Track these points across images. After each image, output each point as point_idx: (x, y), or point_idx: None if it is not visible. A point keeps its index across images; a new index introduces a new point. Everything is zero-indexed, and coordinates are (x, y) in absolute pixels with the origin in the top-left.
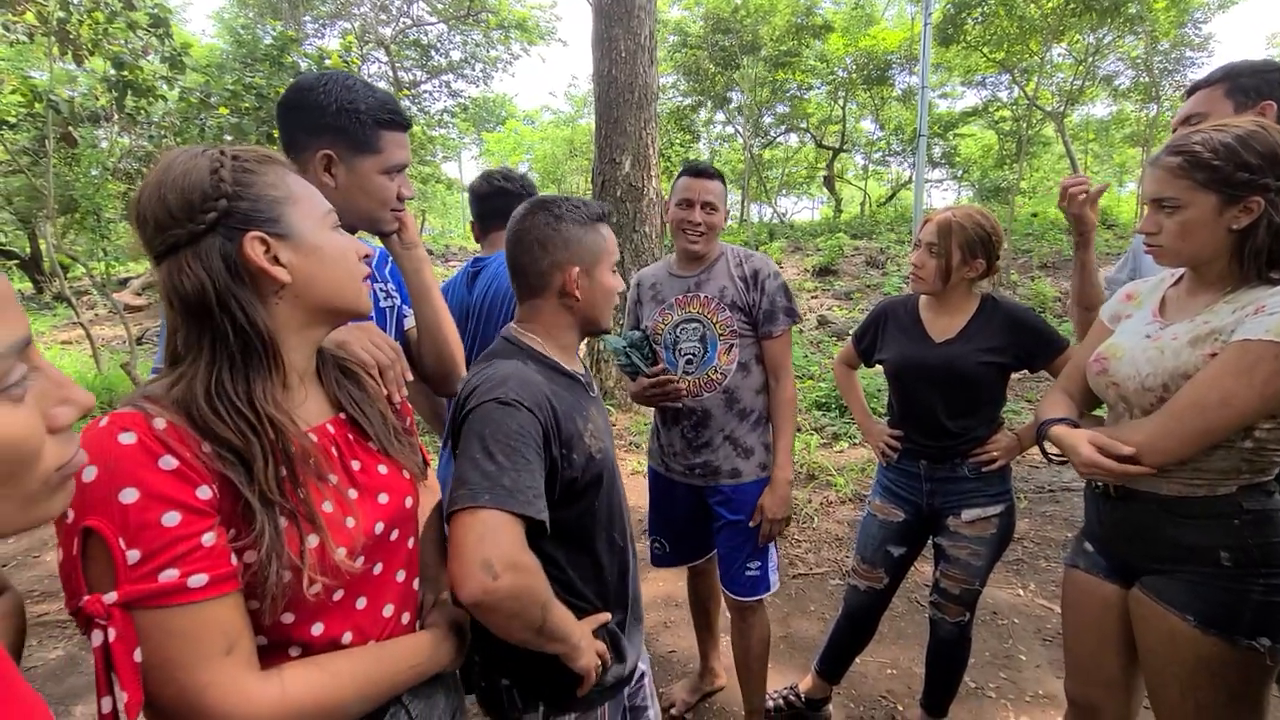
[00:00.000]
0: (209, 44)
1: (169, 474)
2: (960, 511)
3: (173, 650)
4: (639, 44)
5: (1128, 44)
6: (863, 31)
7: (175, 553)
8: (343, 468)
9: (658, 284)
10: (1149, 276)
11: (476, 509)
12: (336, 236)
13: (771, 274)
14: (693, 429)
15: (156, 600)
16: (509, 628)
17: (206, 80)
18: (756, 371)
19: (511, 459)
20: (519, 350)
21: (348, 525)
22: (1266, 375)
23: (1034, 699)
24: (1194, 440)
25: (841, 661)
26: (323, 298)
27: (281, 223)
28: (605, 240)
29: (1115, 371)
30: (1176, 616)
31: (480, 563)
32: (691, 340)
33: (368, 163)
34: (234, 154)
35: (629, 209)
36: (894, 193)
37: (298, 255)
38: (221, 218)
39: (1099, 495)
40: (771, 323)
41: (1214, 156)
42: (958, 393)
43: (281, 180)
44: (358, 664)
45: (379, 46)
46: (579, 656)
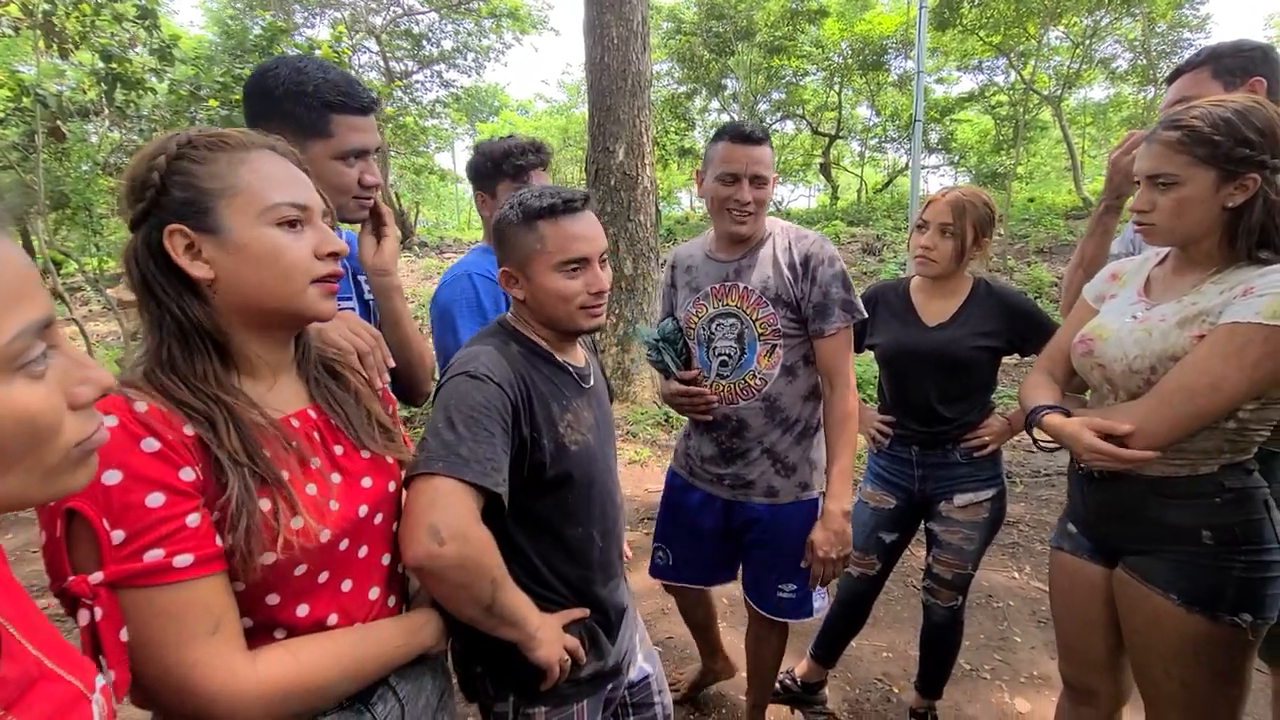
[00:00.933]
0: (197, 35)
1: (151, 456)
2: (952, 496)
3: (159, 629)
4: (631, 30)
5: (1125, 26)
6: (858, 16)
7: (160, 533)
8: (325, 452)
9: (693, 268)
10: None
11: (430, 475)
12: (272, 234)
13: (827, 259)
14: (728, 438)
15: (142, 579)
16: (456, 599)
17: (196, 72)
18: (805, 375)
19: (472, 430)
20: (505, 332)
21: (331, 508)
22: (1255, 358)
23: (1028, 680)
24: (1183, 424)
25: (835, 646)
26: (250, 298)
27: (209, 217)
28: (542, 239)
29: (1101, 353)
30: (1160, 596)
31: (427, 528)
32: (728, 339)
33: (317, 148)
34: (192, 138)
35: (623, 198)
36: (890, 179)
37: (221, 253)
38: (150, 208)
39: (1084, 477)
40: (824, 319)
41: (1214, 131)
42: (950, 377)
43: (229, 170)
44: (343, 644)
45: (369, 36)
46: (536, 647)
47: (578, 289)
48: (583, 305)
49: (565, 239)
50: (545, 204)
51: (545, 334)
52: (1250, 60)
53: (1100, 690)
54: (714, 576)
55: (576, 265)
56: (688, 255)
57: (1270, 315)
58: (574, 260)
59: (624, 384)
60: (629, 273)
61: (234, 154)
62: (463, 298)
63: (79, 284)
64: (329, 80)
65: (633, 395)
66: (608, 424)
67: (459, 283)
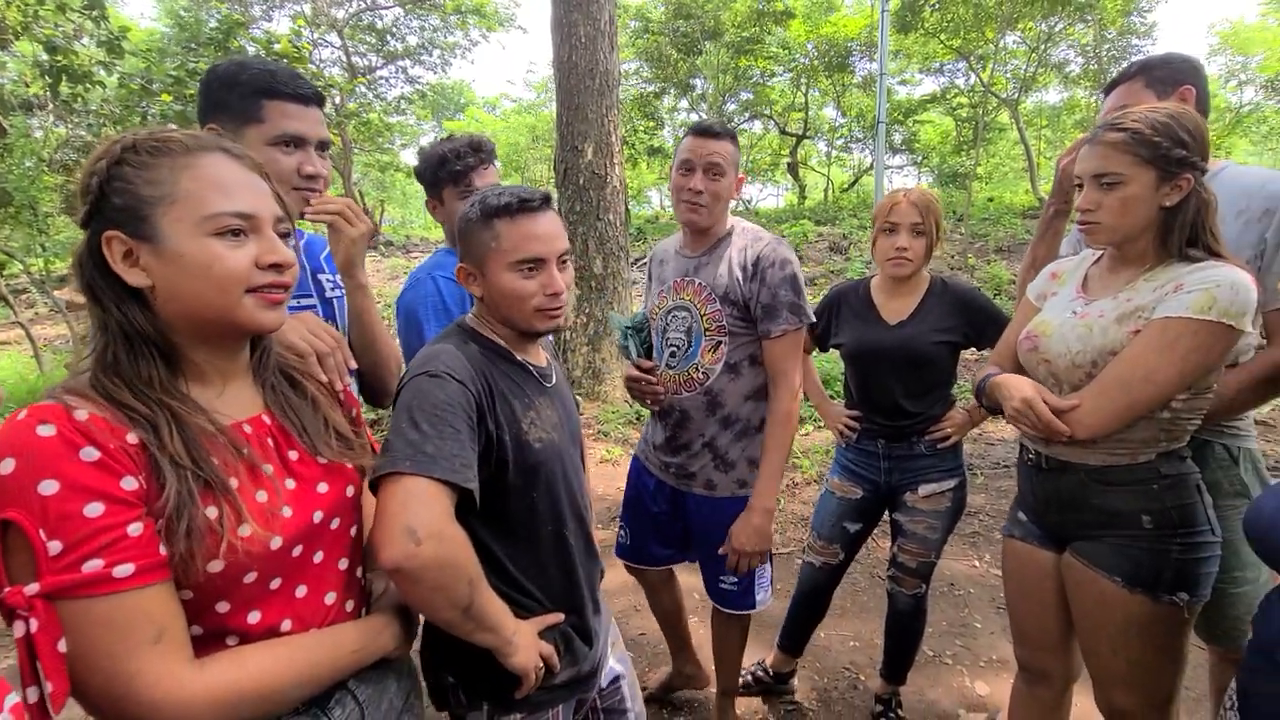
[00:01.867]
0: (149, 27)
1: (90, 465)
2: (917, 487)
3: (99, 640)
4: (599, 29)
5: (1078, 31)
6: (823, 18)
7: (99, 543)
8: (279, 458)
9: (664, 262)
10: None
11: (400, 475)
12: (207, 245)
13: (778, 262)
14: (673, 427)
15: (80, 590)
16: (432, 602)
17: (147, 66)
18: (749, 375)
19: (437, 427)
20: (464, 332)
21: (284, 514)
22: (1185, 351)
23: (988, 664)
24: (1122, 415)
25: (800, 636)
26: (188, 307)
27: (147, 225)
28: (497, 237)
29: (1046, 349)
30: (1105, 578)
31: (403, 529)
32: (679, 331)
33: (250, 133)
34: (136, 142)
35: (592, 197)
36: (856, 179)
37: (158, 261)
38: (91, 213)
39: (1032, 468)
40: (771, 320)
41: (1154, 133)
42: (913, 373)
43: (170, 177)
44: (296, 649)
45: (331, 30)
46: (513, 653)
47: (533, 289)
48: (539, 307)
49: (520, 238)
50: (502, 203)
51: (504, 333)
52: (1179, 71)
53: (1053, 671)
54: (668, 558)
55: (532, 265)
56: (664, 250)
57: (1198, 310)
58: (528, 260)
59: (595, 383)
60: (599, 271)
61: (177, 159)
62: (428, 300)
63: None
64: (266, 69)
65: (604, 394)
66: (573, 424)
67: (423, 285)
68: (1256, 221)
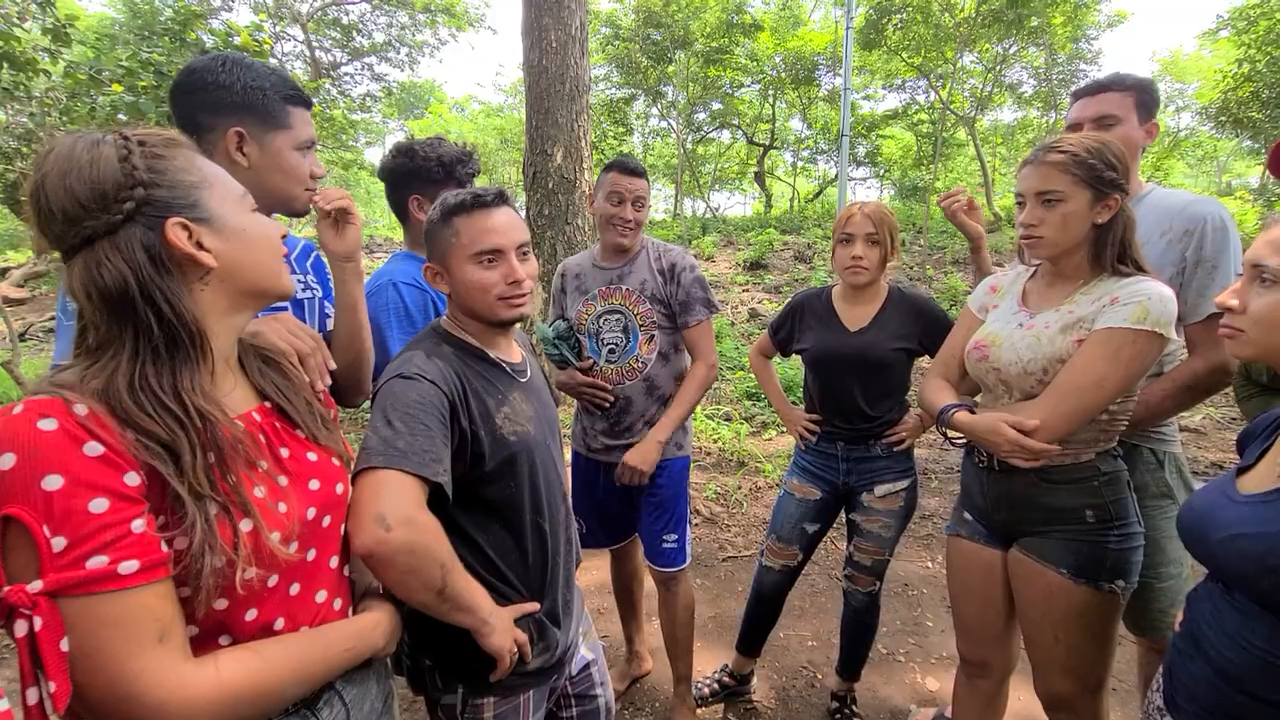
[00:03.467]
0: (99, 12)
1: (95, 460)
2: (873, 487)
3: (103, 639)
4: (570, 35)
5: (1031, 54)
6: (791, 32)
7: (104, 539)
8: (272, 454)
9: (581, 275)
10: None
11: (373, 469)
12: (258, 218)
13: (688, 267)
14: (616, 415)
15: (85, 587)
16: (407, 585)
17: (97, 55)
18: (675, 359)
19: (409, 425)
20: (436, 334)
21: (279, 510)
22: (1128, 358)
23: (939, 660)
24: (1077, 417)
25: (757, 637)
26: (250, 280)
27: (201, 207)
28: (456, 233)
29: (996, 358)
30: (1053, 571)
31: (373, 516)
32: (614, 331)
33: (280, 138)
34: (139, 138)
35: (561, 201)
36: (821, 189)
37: (221, 239)
38: (140, 206)
39: (983, 470)
40: (688, 313)
41: (1090, 156)
42: (872, 377)
43: (192, 164)
44: (292, 648)
45: (294, 23)
46: (490, 633)
47: (494, 279)
48: (501, 295)
49: (477, 231)
50: (458, 201)
51: (474, 328)
52: (1156, 104)
53: (993, 662)
54: (619, 536)
55: (491, 256)
56: (576, 265)
57: (1135, 321)
58: (487, 251)
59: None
60: None
61: (184, 149)
62: (390, 308)
63: None
64: (279, 75)
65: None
66: (550, 418)
67: (384, 293)
68: (1178, 241)
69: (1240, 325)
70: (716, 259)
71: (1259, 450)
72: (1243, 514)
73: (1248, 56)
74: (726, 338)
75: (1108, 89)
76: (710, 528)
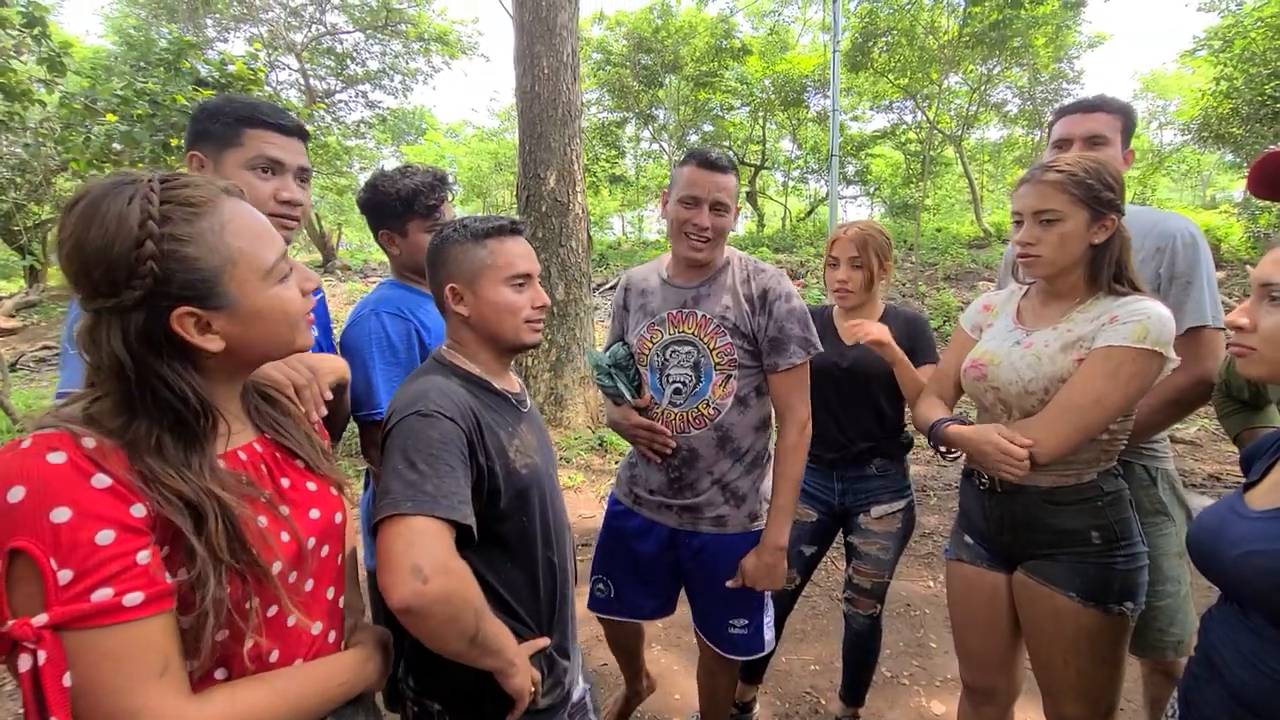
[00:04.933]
0: (94, 45)
1: (103, 492)
2: (870, 508)
3: (105, 673)
4: (562, 61)
5: (1015, 74)
6: (779, 56)
7: (109, 571)
8: (273, 484)
9: (648, 291)
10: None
11: (401, 516)
12: (277, 291)
13: (784, 295)
14: (677, 469)
15: (90, 620)
16: (443, 635)
17: (91, 84)
18: (757, 407)
19: (434, 466)
20: (442, 367)
21: (282, 539)
22: (1128, 376)
23: (944, 683)
24: (1076, 437)
25: (758, 664)
26: (260, 353)
27: (216, 295)
28: (491, 254)
29: (995, 377)
30: (1061, 594)
31: (410, 568)
32: (683, 366)
33: (229, 157)
34: (165, 197)
35: (554, 224)
36: (812, 208)
37: (233, 323)
38: (148, 296)
39: (984, 492)
40: (779, 353)
41: (1088, 176)
42: (866, 391)
43: (220, 239)
44: (290, 683)
45: (289, 53)
46: (514, 674)
47: (524, 302)
48: (528, 319)
49: (512, 256)
50: (494, 225)
51: (483, 358)
52: (1134, 129)
53: (999, 689)
54: (654, 610)
55: (523, 281)
56: (642, 278)
57: (1136, 339)
58: (521, 275)
59: (557, 409)
60: (561, 298)
61: (212, 217)
62: (373, 338)
63: None
64: (252, 103)
65: (565, 420)
66: (548, 447)
67: (366, 323)
68: (1151, 259)
69: (1251, 344)
70: None
71: (1266, 465)
72: (1254, 530)
73: (1226, 74)
74: None
75: (1099, 109)
76: None
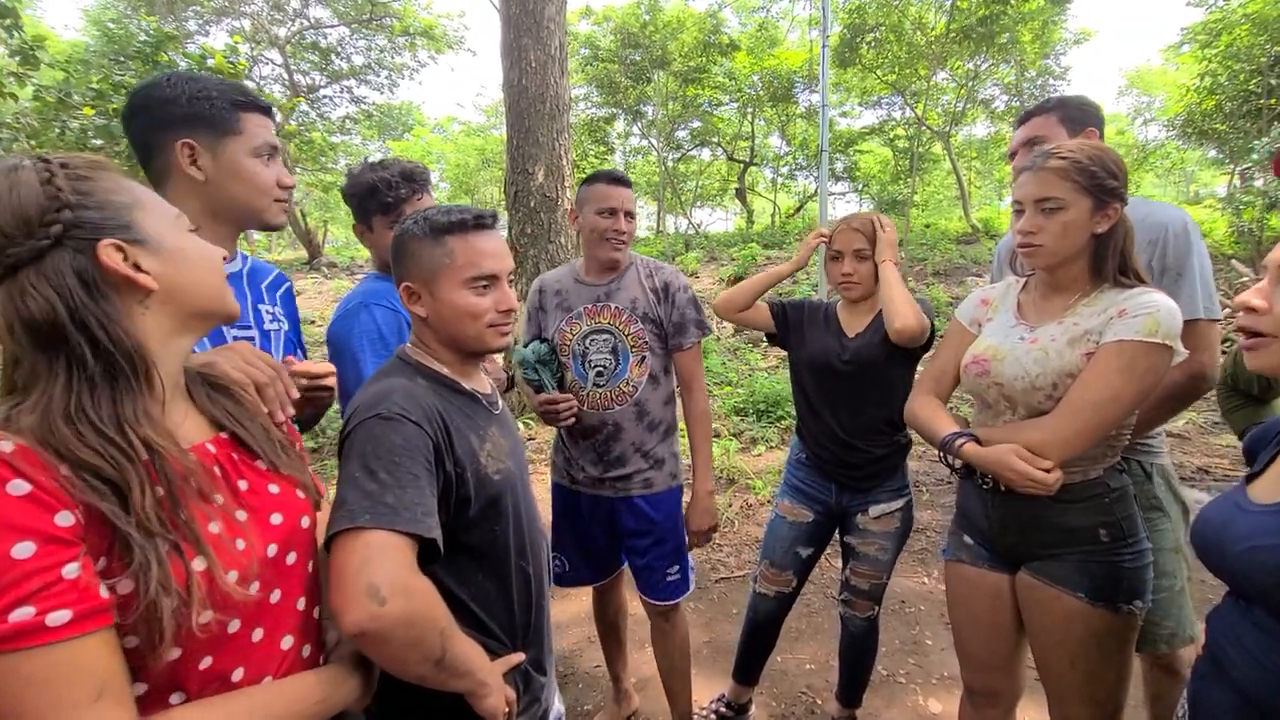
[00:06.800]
0: (72, 39)
1: (20, 499)
2: (867, 508)
3: (31, 700)
4: (549, 55)
5: (1002, 71)
6: (767, 52)
7: (29, 588)
8: (229, 488)
9: (563, 291)
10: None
11: (358, 530)
12: (196, 239)
13: (682, 287)
14: (604, 443)
15: (8, 644)
16: (405, 660)
17: (67, 77)
18: (665, 383)
19: (395, 475)
20: (407, 366)
21: (237, 547)
22: (1142, 371)
23: (940, 681)
24: (1093, 434)
25: (754, 665)
26: (193, 302)
27: (135, 228)
28: (450, 254)
29: (999, 373)
30: (1069, 595)
31: (365, 588)
32: (602, 352)
33: (232, 145)
34: (61, 161)
35: (543, 219)
36: (801, 205)
37: (159, 260)
38: (68, 229)
39: (988, 491)
40: (682, 335)
41: (1091, 163)
42: (867, 383)
43: (120, 185)
44: (257, 704)
45: (272, 47)
46: (486, 694)
47: (486, 305)
48: (491, 323)
49: (475, 255)
50: (455, 219)
51: (448, 358)
52: (1087, 113)
53: (1001, 691)
54: (605, 571)
55: (486, 282)
56: (556, 280)
57: (1147, 333)
58: (484, 276)
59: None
60: None
61: (110, 171)
62: (361, 331)
63: None
64: (228, 84)
65: None
66: (519, 449)
67: (356, 315)
68: (1142, 252)
69: (1265, 328)
70: (700, 275)
71: (1269, 456)
72: (1258, 524)
73: (1210, 70)
74: (712, 353)
75: (1033, 115)
76: (702, 549)
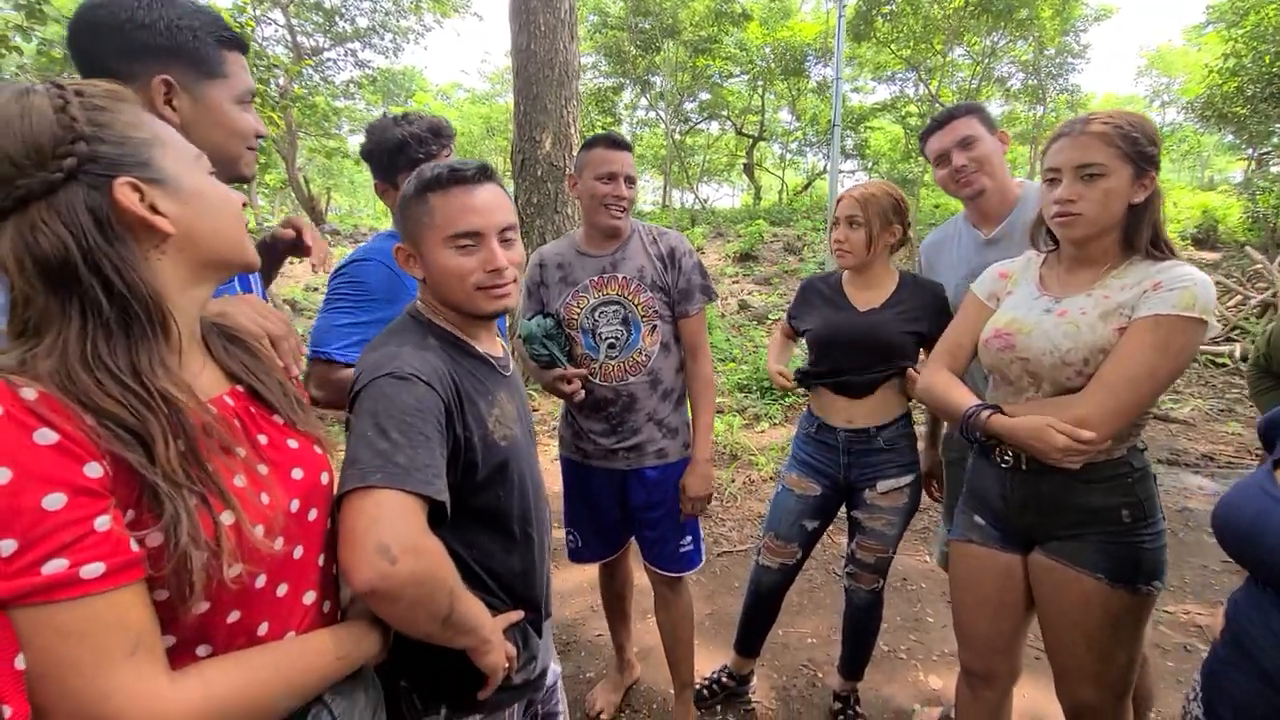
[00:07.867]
0: None
1: (48, 449)
2: (876, 483)
3: (66, 653)
4: (559, 18)
5: (1019, 48)
6: (780, 23)
7: (61, 540)
8: (249, 441)
9: (565, 264)
10: None
11: (369, 489)
12: (217, 181)
13: (687, 252)
14: (619, 414)
15: (42, 596)
16: (413, 619)
17: None
18: (675, 350)
19: (407, 435)
20: (419, 325)
21: (262, 501)
22: (1180, 347)
23: (940, 657)
24: (1130, 411)
25: (755, 637)
26: (211, 249)
27: (153, 166)
28: (430, 211)
29: (1025, 348)
30: (1089, 576)
31: (375, 547)
32: (613, 324)
33: (215, 89)
34: (76, 88)
35: (550, 189)
36: (809, 182)
37: (177, 203)
38: (82, 163)
39: (1007, 470)
40: (688, 301)
41: (1132, 129)
42: (878, 361)
43: (140, 119)
44: (283, 657)
45: (275, 7)
46: (489, 651)
47: (471, 266)
48: (479, 285)
49: (454, 211)
50: (434, 174)
51: (454, 319)
52: (990, 118)
53: (1001, 672)
54: (616, 545)
55: (469, 240)
56: (556, 253)
57: (1184, 307)
58: (463, 234)
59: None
60: None
61: (131, 104)
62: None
63: None
64: (208, 14)
65: None
66: (528, 414)
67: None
68: None
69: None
70: (706, 250)
71: None
72: None
73: (1234, 51)
74: (717, 329)
75: (955, 117)
76: (704, 522)
